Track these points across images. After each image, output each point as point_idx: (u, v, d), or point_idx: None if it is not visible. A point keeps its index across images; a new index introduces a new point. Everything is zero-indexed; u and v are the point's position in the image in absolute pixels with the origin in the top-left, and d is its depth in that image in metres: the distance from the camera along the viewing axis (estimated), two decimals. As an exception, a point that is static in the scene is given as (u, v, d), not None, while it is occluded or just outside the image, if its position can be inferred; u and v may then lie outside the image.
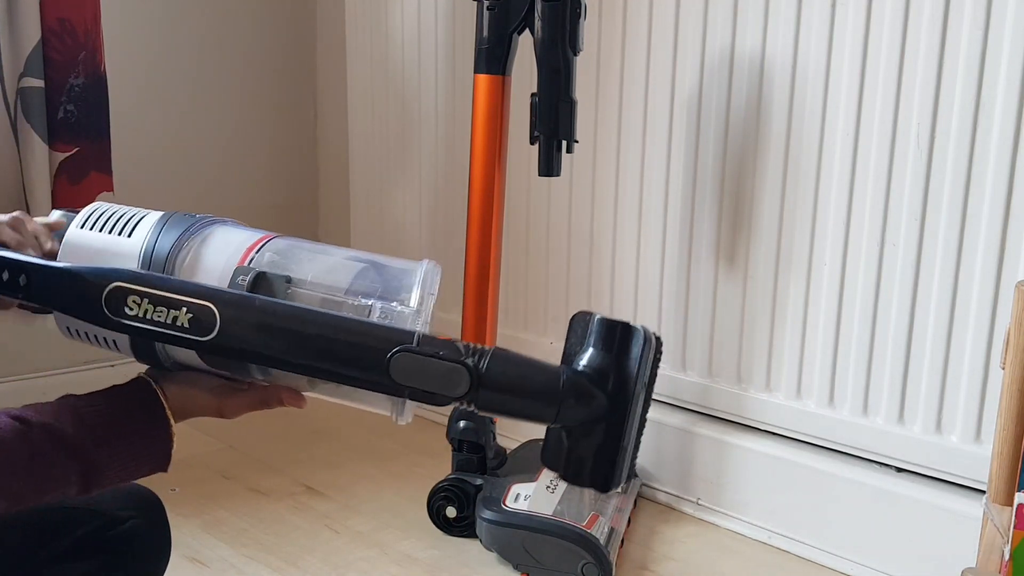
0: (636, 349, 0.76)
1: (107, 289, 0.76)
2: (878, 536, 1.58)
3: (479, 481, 1.65)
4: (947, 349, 1.48)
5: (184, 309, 0.75)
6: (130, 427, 0.79)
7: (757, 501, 1.72)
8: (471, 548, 1.63)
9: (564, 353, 0.77)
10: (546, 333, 2.02)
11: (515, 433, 2.00)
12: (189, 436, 2.30)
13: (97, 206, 0.86)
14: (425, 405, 0.76)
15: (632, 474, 1.85)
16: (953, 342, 1.47)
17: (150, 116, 2.23)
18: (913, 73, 1.45)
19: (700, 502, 1.80)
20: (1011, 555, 0.93)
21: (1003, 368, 1.11)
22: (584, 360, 0.75)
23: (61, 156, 1.89)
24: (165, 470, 0.82)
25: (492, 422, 1.70)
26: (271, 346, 0.75)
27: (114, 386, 0.82)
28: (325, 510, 1.78)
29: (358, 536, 1.69)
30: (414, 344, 0.72)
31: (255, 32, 2.41)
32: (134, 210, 0.86)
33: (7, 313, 0.91)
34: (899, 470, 1.57)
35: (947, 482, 1.51)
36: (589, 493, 1.70)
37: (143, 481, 1.02)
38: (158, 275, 0.80)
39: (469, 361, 0.72)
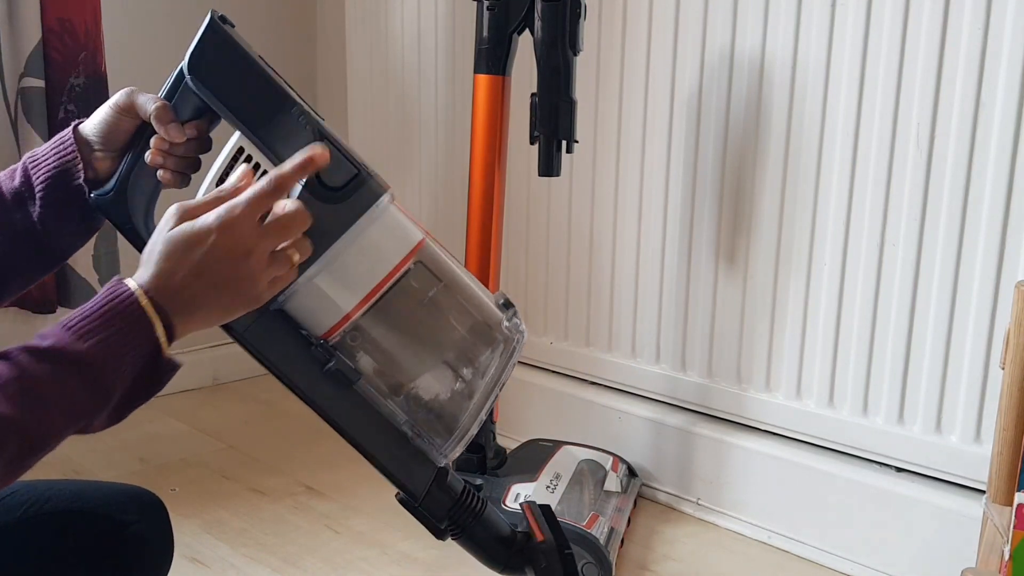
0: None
1: None
2: (878, 536, 1.58)
3: (479, 481, 1.65)
4: (947, 349, 1.48)
5: None
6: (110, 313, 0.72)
7: (757, 501, 1.73)
8: (471, 548, 1.63)
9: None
10: (546, 333, 2.02)
11: (515, 433, 2.00)
12: (189, 436, 2.30)
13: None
14: None
15: (632, 474, 1.85)
16: (953, 342, 1.48)
17: (150, 116, 2.23)
18: (913, 73, 1.45)
19: (700, 502, 1.80)
20: (1011, 555, 0.93)
21: (1003, 368, 1.11)
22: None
23: (61, 156, 1.89)
24: (160, 362, 0.74)
25: (492, 422, 1.70)
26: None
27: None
28: (325, 510, 1.78)
29: (358, 536, 1.69)
30: (418, 500, 0.88)
31: (255, 32, 2.40)
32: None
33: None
34: (899, 470, 1.57)
35: (947, 482, 1.51)
36: (589, 493, 1.70)
37: (144, 482, 1.03)
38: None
39: (444, 530, 0.91)
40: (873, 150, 1.51)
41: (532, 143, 1.56)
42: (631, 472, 1.84)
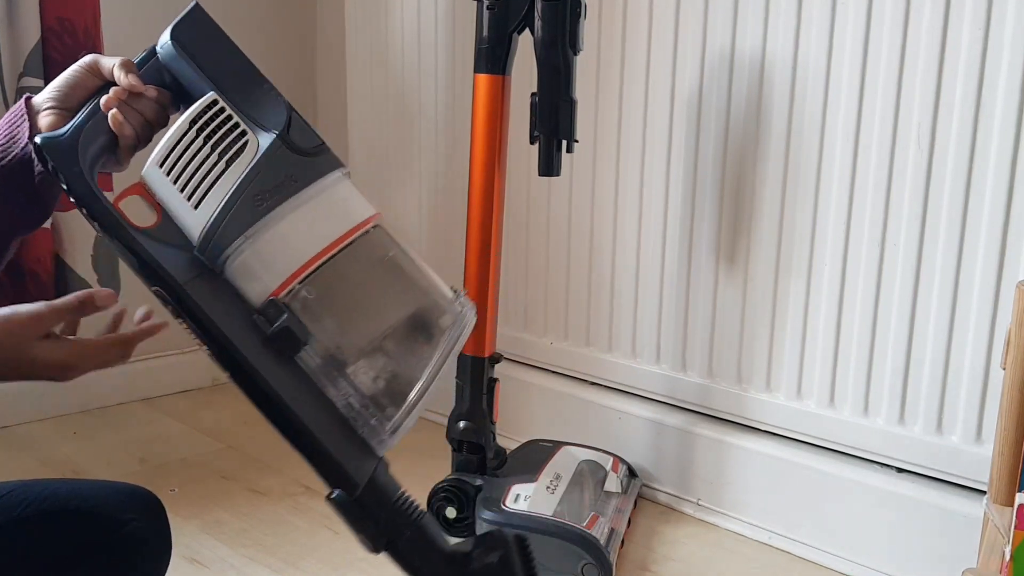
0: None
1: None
2: (878, 536, 1.58)
3: (479, 482, 1.65)
4: (948, 349, 1.48)
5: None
6: None
7: (757, 501, 1.72)
8: (471, 548, 1.63)
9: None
10: (546, 333, 2.02)
11: (515, 434, 2.00)
12: (189, 436, 2.29)
13: (187, 124, 0.83)
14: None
15: (632, 474, 1.85)
16: (954, 342, 1.47)
17: (150, 116, 2.23)
18: (913, 73, 1.45)
19: (700, 502, 1.80)
20: (1012, 555, 0.93)
21: (1004, 368, 1.11)
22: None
23: (61, 156, 1.89)
24: None
25: (492, 422, 1.70)
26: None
27: None
28: (325, 510, 1.77)
29: (358, 536, 1.68)
30: (352, 497, 0.81)
31: (255, 32, 2.41)
32: (225, 148, 0.83)
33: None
34: (899, 470, 1.57)
35: (948, 482, 1.51)
36: (589, 494, 1.70)
37: (143, 482, 1.03)
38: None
39: (380, 542, 0.84)
40: (874, 151, 1.51)
41: (532, 143, 1.56)
42: (631, 473, 1.84)
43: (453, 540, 0.86)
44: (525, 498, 1.59)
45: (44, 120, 0.87)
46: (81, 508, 0.93)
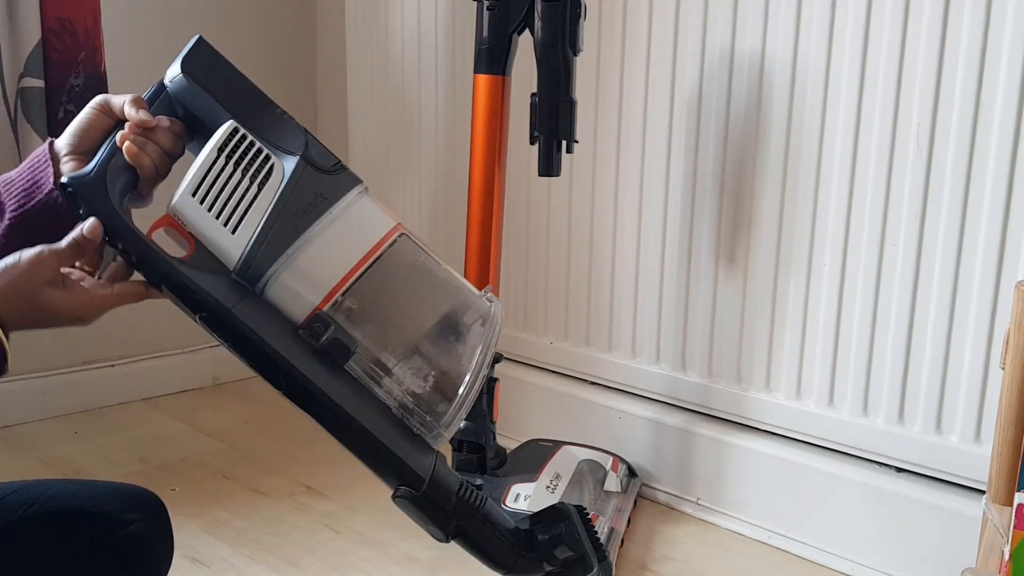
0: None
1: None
2: (878, 536, 1.58)
3: (479, 481, 1.64)
4: (947, 349, 1.48)
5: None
6: None
7: (757, 501, 1.73)
8: (471, 548, 1.63)
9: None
10: (546, 333, 2.02)
11: (515, 433, 2.00)
12: (189, 436, 2.30)
13: (212, 158, 0.85)
14: None
15: (632, 474, 1.85)
16: (953, 342, 1.48)
17: (150, 116, 2.23)
18: (913, 73, 1.45)
19: (700, 502, 1.80)
20: (1011, 555, 0.93)
21: (1003, 368, 1.11)
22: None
23: (61, 156, 1.89)
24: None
25: (492, 422, 1.70)
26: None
27: None
28: (325, 510, 1.78)
29: (358, 536, 1.69)
30: (420, 491, 0.83)
31: (255, 32, 2.41)
32: (255, 173, 0.85)
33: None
34: (899, 470, 1.57)
35: (947, 482, 1.51)
36: (589, 493, 1.70)
37: (144, 482, 1.03)
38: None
39: (450, 531, 0.86)
40: (873, 150, 1.51)
41: (532, 143, 1.56)
42: (631, 472, 1.84)
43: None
44: (525, 497, 1.59)
45: (66, 166, 0.88)
46: (83, 509, 0.93)
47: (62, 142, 0.89)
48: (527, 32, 1.55)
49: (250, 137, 0.85)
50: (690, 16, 1.69)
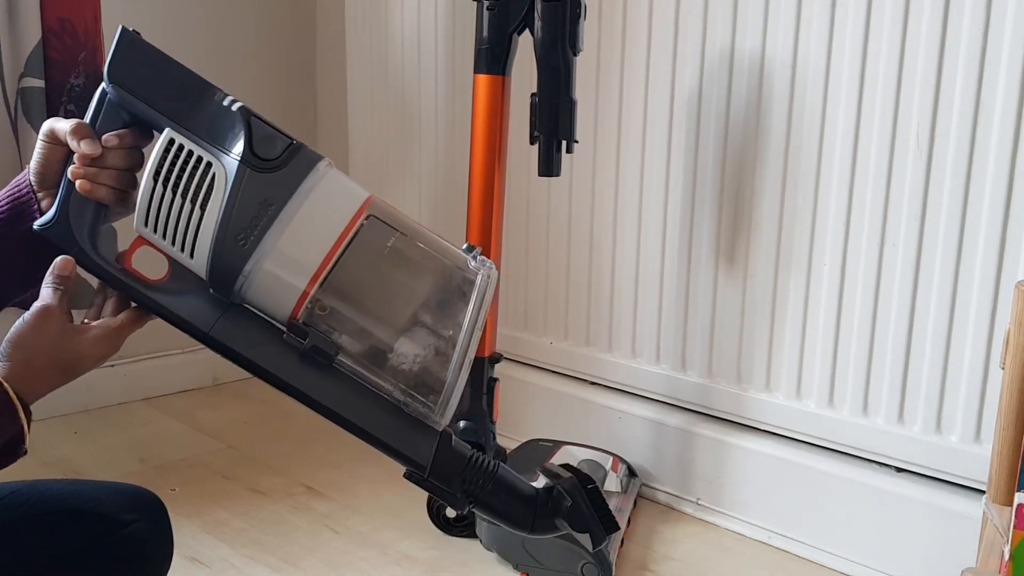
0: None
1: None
2: (878, 536, 1.58)
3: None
4: (947, 349, 1.48)
5: None
6: None
7: (757, 501, 1.73)
8: (471, 548, 1.63)
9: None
10: (546, 333, 2.02)
11: (515, 433, 2.00)
12: (189, 436, 2.30)
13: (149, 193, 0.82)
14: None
15: (632, 474, 1.85)
16: (953, 342, 1.48)
17: (150, 116, 2.23)
18: (913, 73, 1.45)
19: (700, 502, 1.80)
20: (1011, 555, 0.93)
21: (1003, 368, 1.11)
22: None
23: (61, 156, 1.89)
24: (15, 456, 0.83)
25: (492, 422, 1.70)
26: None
27: None
28: (325, 510, 1.78)
29: (358, 536, 1.69)
30: (426, 474, 0.83)
31: (255, 32, 2.41)
32: (195, 193, 0.81)
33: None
34: (899, 470, 1.57)
35: (947, 482, 1.51)
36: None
37: (143, 482, 1.03)
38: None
39: (460, 498, 0.86)
40: (873, 150, 1.51)
41: (532, 143, 1.56)
42: (631, 472, 1.84)
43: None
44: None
45: (44, 204, 0.87)
46: (83, 509, 0.93)
47: (33, 179, 0.87)
48: (527, 32, 1.55)
49: (187, 147, 0.82)
50: (690, 16, 1.69)
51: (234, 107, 0.82)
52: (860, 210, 1.54)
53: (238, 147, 0.81)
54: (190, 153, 0.82)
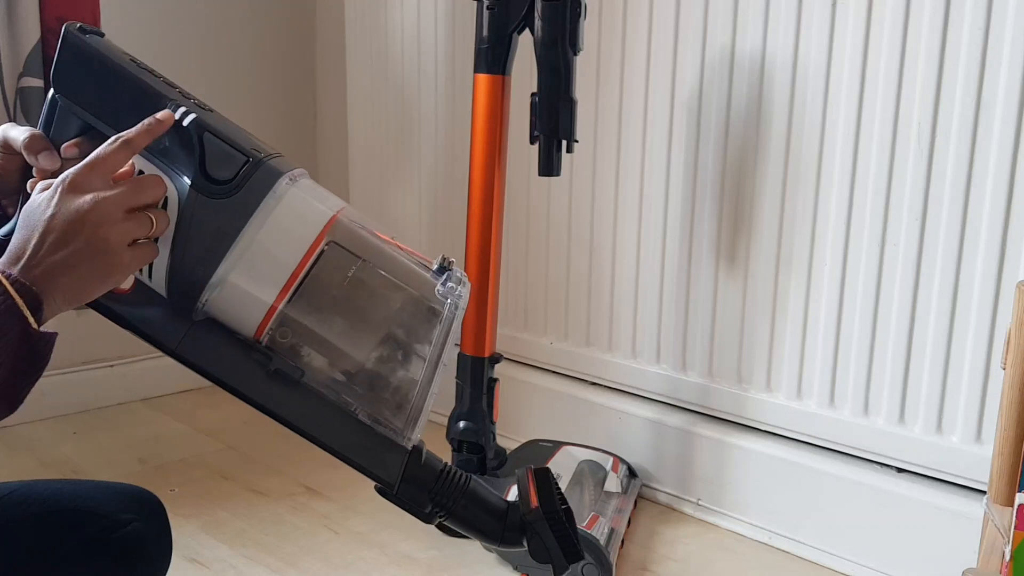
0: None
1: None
2: (878, 536, 1.58)
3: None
4: (948, 349, 1.48)
5: None
6: None
7: (757, 501, 1.72)
8: (471, 549, 1.63)
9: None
10: (546, 333, 2.02)
11: (515, 433, 2.00)
12: (189, 436, 2.29)
13: None
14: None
15: (632, 474, 1.85)
16: (954, 342, 1.47)
17: (150, 116, 2.23)
18: (913, 73, 1.45)
19: (700, 502, 1.80)
20: (1012, 555, 0.93)
21: (1004, 368, 1.11)
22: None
23: (61, 156, 1.89)
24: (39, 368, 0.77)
25: (492, 422, 1.70)
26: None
27: None
28: (325, 510, 1.78)
29: (358, 536, 1.69)
30: (394, 490, 0.83)
31: (255, 32, 2.41)
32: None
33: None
34: (899, 470, 1.57)
35: (947, 482, 1.51)
36: (589, 494, 1.70)
37: (143, 482, 1.03)
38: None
39: (433, 516, 0.85)
40: (874, 150, 1.51)
41: (532, 143, 1.56)
42: (631, 473, 1.84)
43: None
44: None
45: (10, 211, 0.84)
46: (82, 509, 0.93)
47: None
48: (527, 32, 1.55)
49: (137, 165, 0.78)
50: (690, 16, 1.69)
51: (186, 121, 0.77)
52: (861, 210, 1.54)
53: (191, 168, 0.77)
54: (140, 173, 0.78)
